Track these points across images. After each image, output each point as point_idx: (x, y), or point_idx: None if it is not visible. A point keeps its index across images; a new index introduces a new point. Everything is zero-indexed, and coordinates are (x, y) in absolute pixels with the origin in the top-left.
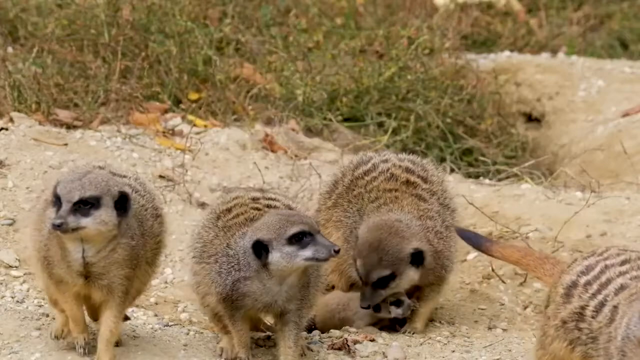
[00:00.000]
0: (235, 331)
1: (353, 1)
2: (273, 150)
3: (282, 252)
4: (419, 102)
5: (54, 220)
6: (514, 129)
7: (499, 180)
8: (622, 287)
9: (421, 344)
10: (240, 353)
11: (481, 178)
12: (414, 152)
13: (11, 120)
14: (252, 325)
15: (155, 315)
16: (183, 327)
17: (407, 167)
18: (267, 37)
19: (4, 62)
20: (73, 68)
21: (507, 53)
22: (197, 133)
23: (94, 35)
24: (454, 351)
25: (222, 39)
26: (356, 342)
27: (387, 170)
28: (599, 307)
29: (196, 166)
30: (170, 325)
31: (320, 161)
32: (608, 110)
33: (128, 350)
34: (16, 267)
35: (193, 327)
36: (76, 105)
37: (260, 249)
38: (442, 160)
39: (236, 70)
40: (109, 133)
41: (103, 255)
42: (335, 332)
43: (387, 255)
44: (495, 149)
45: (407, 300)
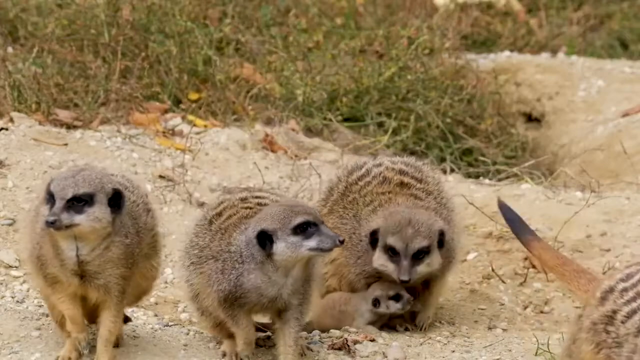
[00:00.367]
0: (241, 329)
1: (353, 1)
2: (273, 150)
3: (287, 242)
4: (419, 102)
5: (47, 218)
6: (514, 129)
7: (499, 180)
8: None
9: (421, 344)
10: (244, 351)
11: (481, 178)
12: (414, 152)
13: (11, 120)
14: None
15: (155, 315)
16: (183, 327)
17: (400, 169)
18: (267, 37)
19: (4, 62)
20: (73, 68)
21: (507, 53)
22: (197, 133)
23: (94, 35)
24: (454, 351)
25: (222, 39)
26: (356, 342)
27: (380, 174)
28: (630, 313)
29: (196, 166)
30: (170, 325)
31: (320, 161)
32: (608, 110)
33: (128, 350)
34: (16, 267)
35: (193, 327)
36: (76, 105)
37: (265, 240)
38: (442, 160)
39: (236, 70)
40: (109, 133)
41: (97, 253)
42: (335, 332)
43: (422, 227)
44: (495, 149)
45: (406, 294)
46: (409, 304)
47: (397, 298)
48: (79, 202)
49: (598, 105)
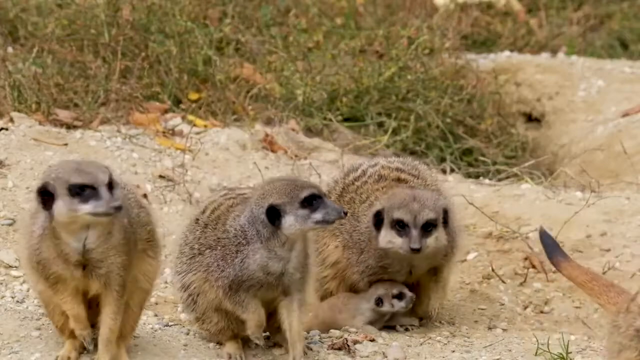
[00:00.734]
0: (251, 313)
1: (353, 1)
2: (273, 150)
3: (296, 215)
4: (419, 102)
5: (115, 203)
6: (514, 129)
7: (499, 180)
8: None
9: (421, 344)
10: (255, 333)
11: (481, 178)
12: (414, 152)
13: (11, 120)
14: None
15: (155, 315)
16: (183, 327)
17: (396, 167)
18: (267, 37)
19: (4, 62)
20: (73, 68)
21: (507, 53)
22: (197, 133)
23: (94, 35)
24: (454, 351)
25: (222, 39)
26: (356, 342)
27: (376, 172)
28: None
29: (196, 166)
30: (170, 325)
31: (320, 161)
32: (608, 110)
33: (128, 350)
34: (16, 267)
35: (193, 327)
36: (76, 105)
37: (274, 215)
38: (442, 160)
39: (236, 70)
40: (109, 133)
41: (102, 240)
42: (335, 332)
43: (428, 201)
44: (495, 149)
45: (408, 292)
46: (412, 301)
47: (400, 297)
48: (111, 188)
49: (598, 105)
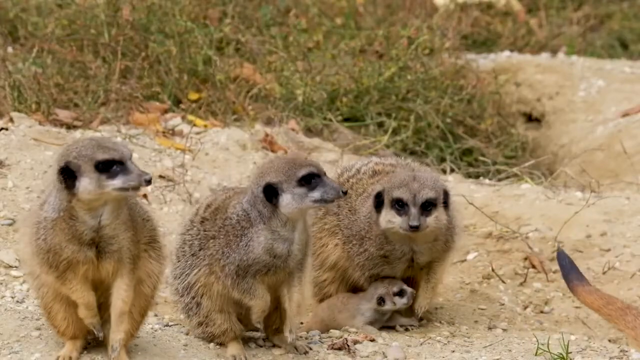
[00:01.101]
0: (258, 299)
1: (353, 1)
2: (273, 150)
3: (293, 193)
4: (419, 102)
5: (146, 176)
6: (514, 129)
7: (499, 180)
8: None
9: (421, 344)
10: (258, 318)
11: (481, 178)
12: (414, 152)
13: (11, 120)
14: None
15: (155, 315)
16: (183, 327)
17: (390, 163)
18: (267, 37)
19: (4, 62)
20: (73, 68)
21: (507, 53)
22: (197, 133)
23: (94, 35)
24: (454, 351)
25: (222, 39)
26: (356, 342)
27: (370, 169)
28: None
29: (196, 166)
30: (170, 325)
31: (321, 161)
32: (608, 110)
33: (128, 350)
34: (16, 267)
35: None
36: (76, 105)
37: (271, 193)
38: (442, 160)
39: (236, 70)
40: (109, 133)
41: (114, 215)
42: (335, 332)
43: (428, 181)
44: (495, 149)
45: (408, 288)
46: (413, 297)
47: (401, 294)
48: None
49: (598, 105)
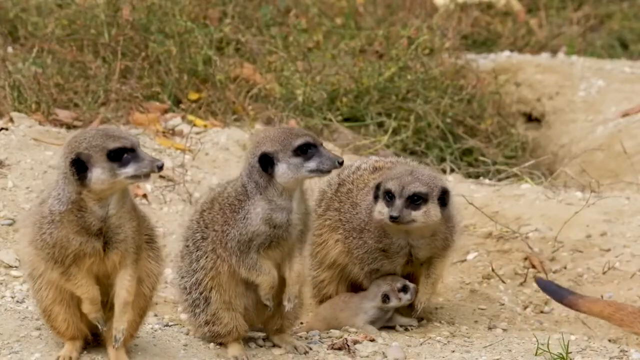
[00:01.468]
0: (265, 275)
1: (353, 1)
2: None
3: (289, 163)
4: (419, 102)
5: (159, 163)
6: (514, 129)
7: (499, 180)
8: None
9: (421, 344)
10: (267, 294)
11: (481, 178)
12: (414, 152)
13: (11, 120)
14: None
15: (155, 315)
16: (183, 327)
17: (389, 160)
18: (267, 37)
19: (4, 62)
20: (73, 68)
21: (507, 53)
22: (197, 133)
23: (94, 35)
24: (454, 351)
25: (222, 39)
26: (356, 342)
27: (370, 165)
28: None
29: (196, 166)
30: (170, 325)
31: None
32: (608, 110)
33: (128, 350)
34: (16, 267)
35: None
36: (76, 105)
37: (267, 163)
38: (442, 160)
39: (236, 70)
40: None
41: (120, 204)
42: (335, 332)
43: (423, 177)
44: (495, 149)
45: (411, 284)
46: (415, 292)
47: (405, 289)
48: None
49: (598, 105)
